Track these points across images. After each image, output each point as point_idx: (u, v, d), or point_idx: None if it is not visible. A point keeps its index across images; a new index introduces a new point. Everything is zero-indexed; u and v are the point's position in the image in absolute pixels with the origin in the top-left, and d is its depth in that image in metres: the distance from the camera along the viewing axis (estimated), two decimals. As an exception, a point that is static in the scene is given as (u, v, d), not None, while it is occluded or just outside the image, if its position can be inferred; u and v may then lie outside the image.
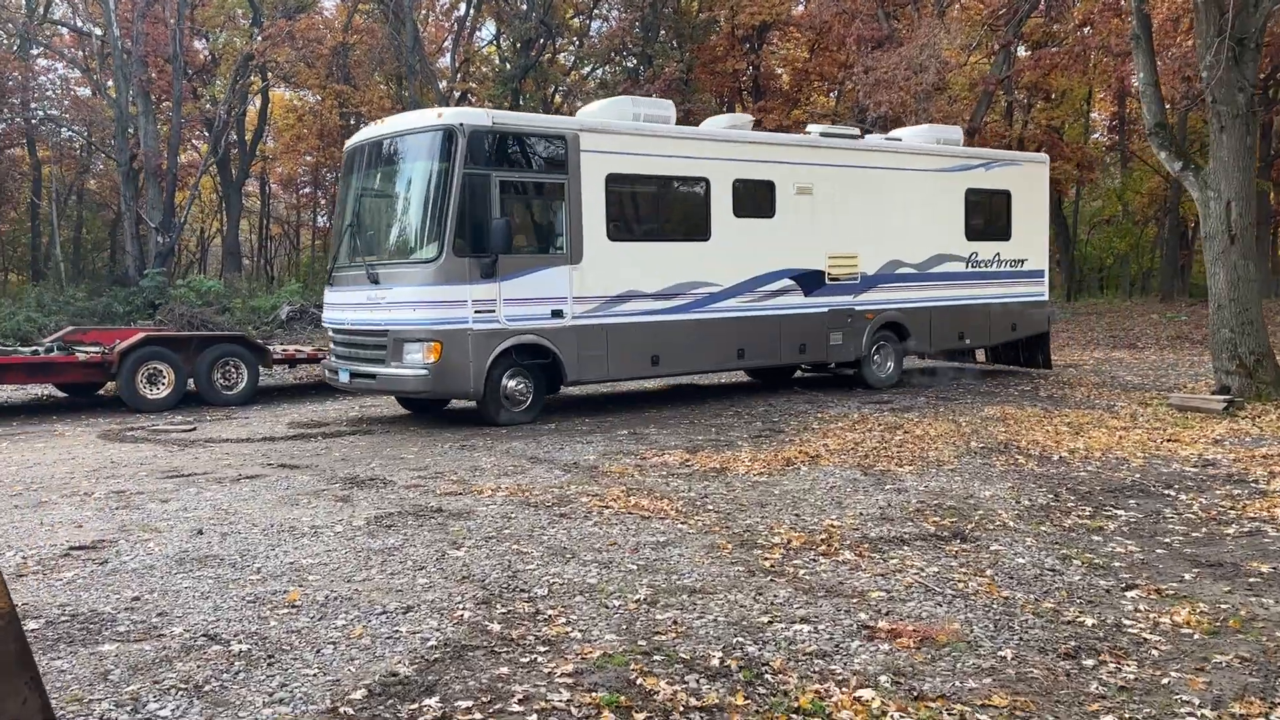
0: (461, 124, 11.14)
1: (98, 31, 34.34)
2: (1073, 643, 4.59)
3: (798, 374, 16.42)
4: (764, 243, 13.63)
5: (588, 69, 40.68)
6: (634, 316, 12.43)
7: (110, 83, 32.14)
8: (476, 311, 11.14)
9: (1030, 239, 16.83)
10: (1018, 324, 16.77)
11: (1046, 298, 17.19)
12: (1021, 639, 4.65)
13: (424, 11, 39.56)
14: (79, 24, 37.35)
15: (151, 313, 24.57)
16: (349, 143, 12.94)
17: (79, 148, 39.85)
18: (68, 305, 26.55)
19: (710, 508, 7.24)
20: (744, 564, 5.81)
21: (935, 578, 5.61)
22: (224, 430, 11.93)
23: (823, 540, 6.33)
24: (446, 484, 8.10)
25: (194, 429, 12.07)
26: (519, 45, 37.20)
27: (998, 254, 16.33)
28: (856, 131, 15.40)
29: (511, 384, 11.69)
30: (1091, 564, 5.89)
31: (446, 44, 41.18)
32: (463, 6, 39.66)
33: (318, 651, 4.31)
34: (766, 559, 5.91)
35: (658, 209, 13.26)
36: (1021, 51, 34.99)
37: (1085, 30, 31.69)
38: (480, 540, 6.22)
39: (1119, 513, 7.18)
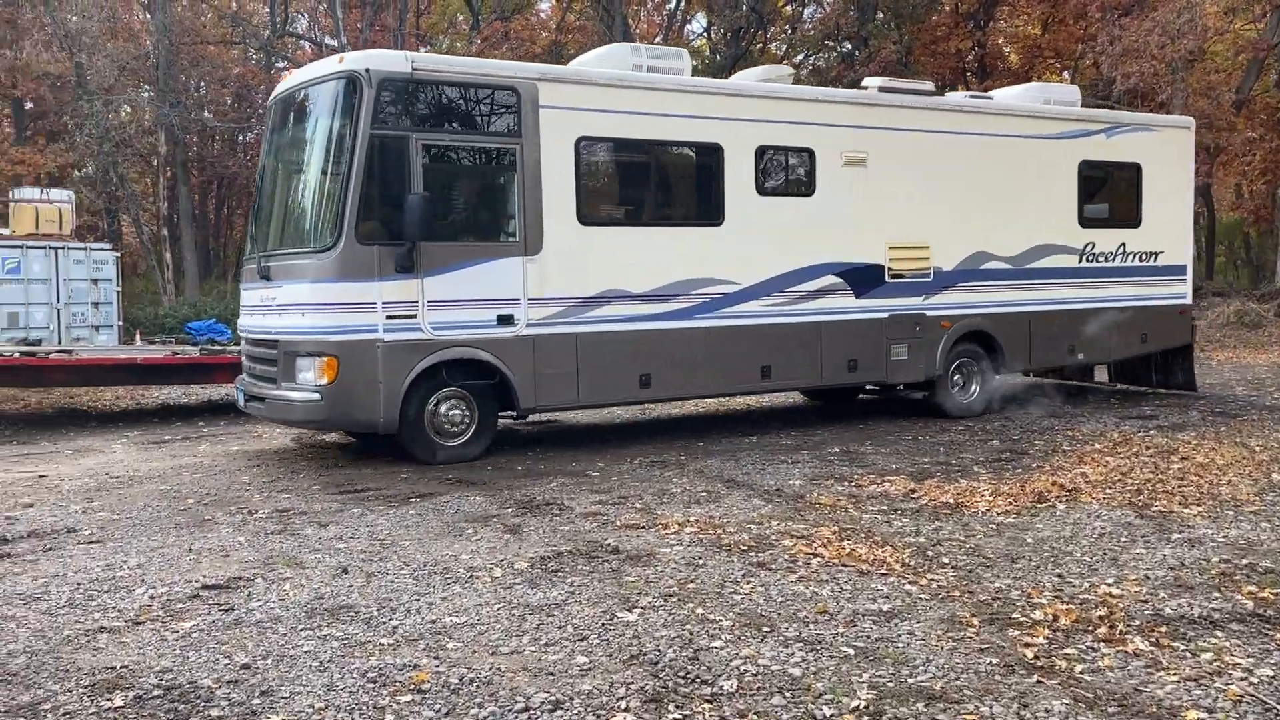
0: (367, 70, 8.71)
1: (331, 42, 35.87)
2: None
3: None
4: (799, 228, 10.78)
5: (800, 56, 39.13)
6: (616, 324, 9.77)
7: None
8: (389, 317, 8.72)
9: (1167, 225, 13.27)
10: (1149, 334, 13.18)
11: (1189, 300, 13.63)
12: None
13: (635, 7, 39.34)
14: (316, 36, 39.22)
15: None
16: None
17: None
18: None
19: (946, 561, 5.85)
20: (997, 651, 4.43)
21: (1273, 688, 4.06)
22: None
23: (1101, 618, 4.84)
24: (629, 513, 7.07)
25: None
26: (729, 35, 36.22)
27: (1123, 244, 12.88)
28: (930, 86, 12.14)
29: (443, 410, 9.17)
30: None
31: (658, 39, 40.75)
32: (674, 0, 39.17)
33: (430, 771, 3.33)
34: (1027, 644, 4.50)
35: (650, 184, 10.49)
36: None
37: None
38: (658, 598, 5.12)
39: None
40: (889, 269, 11.31)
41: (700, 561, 5.79)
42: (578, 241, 9.57)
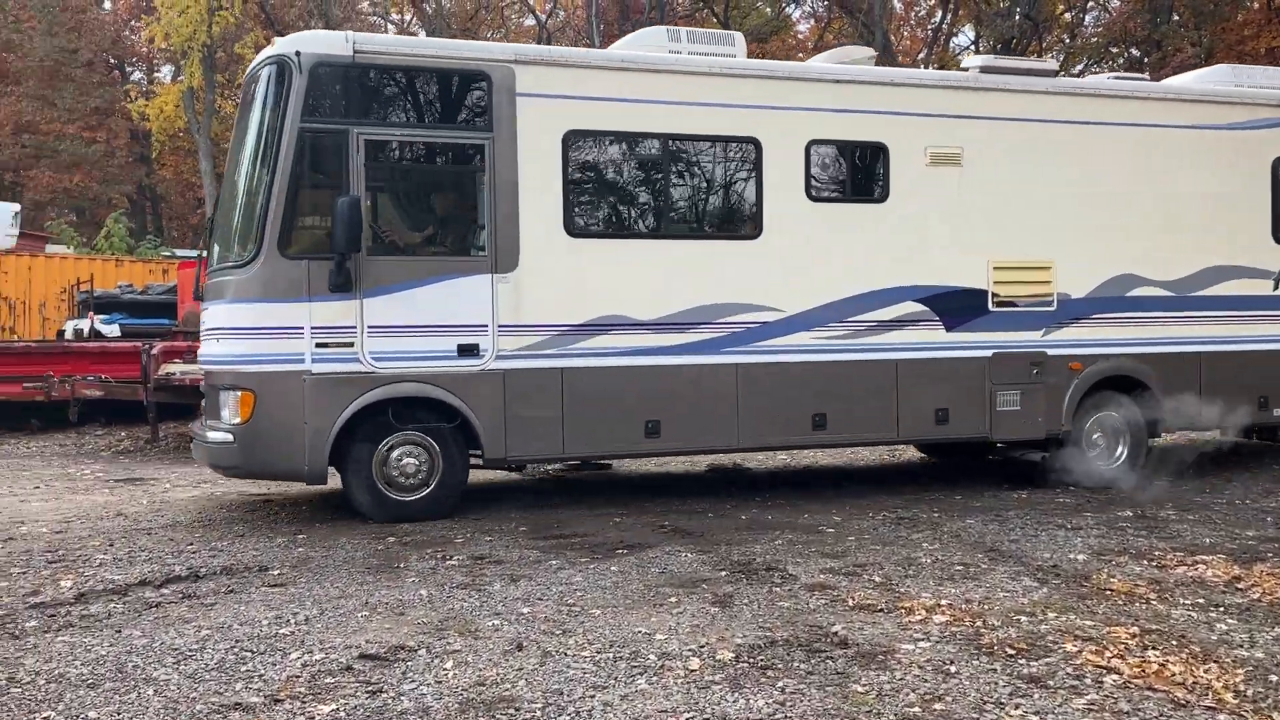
0: (297, 53, 7.49)
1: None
2: None
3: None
4: (865, 243, 8.82)
5: (1079, 66, 36.00)
6: (614, 357, 8.15)
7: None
8: (320, 344, 7.47)
9: None
10: None
11: None
12: None
13: (898, 22, 37.75)
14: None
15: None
16: None
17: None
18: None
19: (1300, 694, 4.31)
20: None
21: None
22: (650, 465, 10.73)
23: None
24: (864, 588, 5.88)
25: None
26: (999, 47, 33.87)
27: None
28: (1052, 66, 9.82)
29: (394, 457, 7.76)
30: None
31: (921, 55, 38.87)
32: (939, 13, 37.22)
33: None
34: None
35: (663, 188, 8.61)
36: None
37: None
38: (893, 722, 3.96)
39: None
40: (993, 294, 9.12)
41: (952, 668, 4.54)
42: (565, 257, 8.12)
